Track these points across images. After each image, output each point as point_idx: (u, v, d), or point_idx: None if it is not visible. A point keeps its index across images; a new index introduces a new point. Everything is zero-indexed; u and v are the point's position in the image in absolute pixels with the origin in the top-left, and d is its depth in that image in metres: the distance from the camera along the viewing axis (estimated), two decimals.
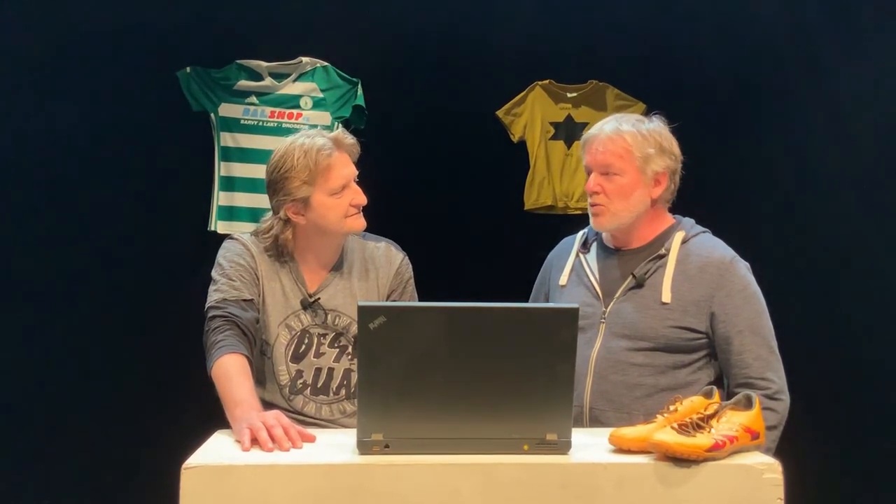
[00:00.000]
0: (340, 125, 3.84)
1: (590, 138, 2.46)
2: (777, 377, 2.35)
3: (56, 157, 3.73)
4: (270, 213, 2.45)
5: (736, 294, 2.37)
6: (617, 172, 2.41)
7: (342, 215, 2.39)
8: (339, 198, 2.37)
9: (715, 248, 2.44)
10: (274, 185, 2.40)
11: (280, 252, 2.44)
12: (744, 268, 2.42)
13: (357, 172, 2.43)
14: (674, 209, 2.53)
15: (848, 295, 3.89)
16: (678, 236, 2.44)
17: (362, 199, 2.41)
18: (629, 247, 2.48)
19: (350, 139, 2.43)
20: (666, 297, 2.37)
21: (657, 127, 2.46)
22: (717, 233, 2.51)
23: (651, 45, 3.95)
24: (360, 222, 2.43)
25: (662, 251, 2.43)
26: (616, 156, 2.40)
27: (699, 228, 2.50)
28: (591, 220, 2.46)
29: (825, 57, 3.91)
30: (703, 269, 2.39)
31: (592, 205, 2.44)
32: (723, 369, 2.40)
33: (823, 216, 3.89)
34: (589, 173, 2.45)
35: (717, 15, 3.93)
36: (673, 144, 2.47)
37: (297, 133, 2.45)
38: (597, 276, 2.48)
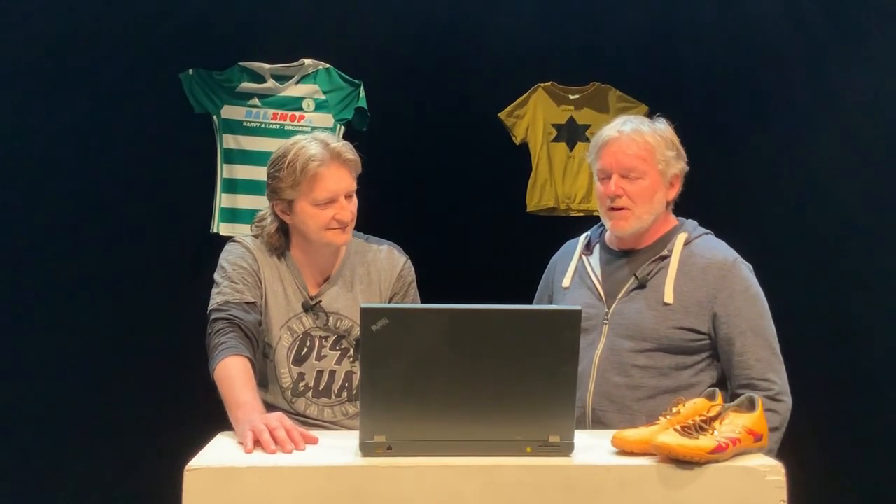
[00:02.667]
0: (343, 127, 3.86)
1: (608, 140, 2.42)
2: (779, 378, 2.34)
3: (58, 158, 3.73)
4: None
5: (738, 295, 2.37)
6: (640, 175, 2.39)
7: (322, 227, 2.37)
8: (323, 209, 2.36)
9: (718, 249, 2.44)
10: (268, 179, 2.42)
11: (271, 246, 2.44)
12: (746, 269, 2.42)
13: (354, 187, 2.40)
14: (677, 210, 2.53)
15: (850, 296, 3.89)
16: (681, 237, 2.44)
17: (345, 217, 2.37)
18: (633, 248, 2.48)
19: (351, 154, 2.39)
20: (668, 297, 2.37)
21: (668, 128, 2.46)
22: (719, 234, 2.51)
23: (653, 47, 3.95)
24: (341, 237, 2.40)
25: (665, 252, 2.43)
26: (640, 158, 2.39)
27: (702, 230, 2.50)
28: (611, 223, 2.43)
29: (828, 58, 3.90)
30: (706, 270, 2.39)
31: (616, 208, 2.40)
32: (725, 371, 2.40)
33: (826, 217, 3.89)
34: (606, 176, 2.42)
35: (719, 16, 3.93)
36: (681, 146, 2.48)
37: (306, 134, 2.45)
38: (599, 277, 2.48)
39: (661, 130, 2.44)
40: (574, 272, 2.54)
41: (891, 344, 3.84)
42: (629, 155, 2.39)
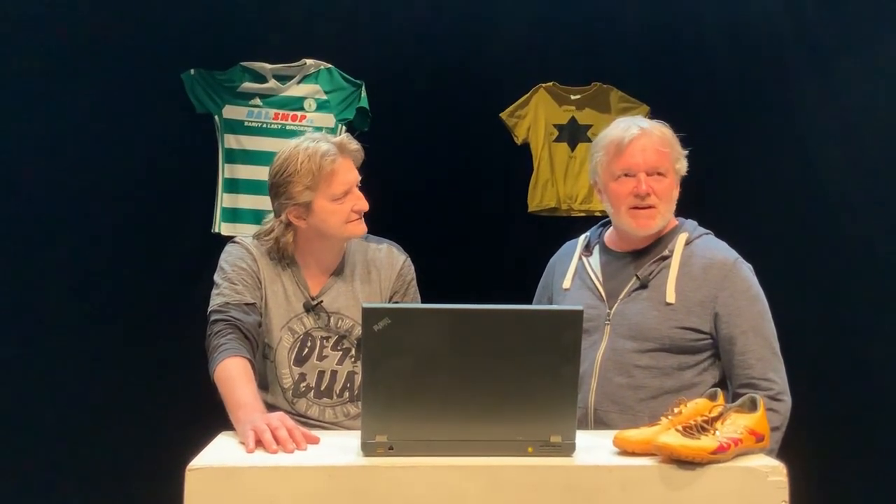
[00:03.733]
0: (344, 127, 3.86)
1: (633, 138, 2.40)
2: (779, 378, 2.35)
3: (59, 158, 3.73)
4: (272, 214, 2.46)
5: (739, 295, 2.37)
6: (664, 173, 2.40)
7: (343, 221, 2.39)
8: (341, 203, 2.37)
9: (718, 249, 2.44)
10: (276, 189, 2.40)
11: (281, 255, 2.44)
12: (747, 269, 2.42)
13: (360, 178, 2.42)
14: (677, 210, 2.53)
15: (851, 296, 3.88)
16: (681, 238, 2.44)
17: (364, 206, 2.40)
18: (633, 249, 2.47)
19: (354, 145, 2.42)
20: (670, 297, 2.36)
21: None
22: (719, 234, 2.51)
23: (654, 47, 3.95)
24: (361, 228, 2.42)
25: (666, 252, 2.43)
26: (665, 156, 2.40)
27: (702, 230, 2.50)
28: (637, 222, 2.40)
29: (828, 58, 3.90)
30: (707, 269, 2.39)
31: (645, 207, 2.39)
32: (725, 370, 2.40)
33: (826, 218, 3.89)
34: (630, 175, 2.39)
35: (720, 16, 3.93)
36: None
37: (300, 136, 2.45)
38: (600, 278, 2.48)
39: (669, 130, 2.46)
40: (574, 273, 2.53)
41: (891, 344, 3.83)
42: (659, 152, 2.39)
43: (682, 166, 2.45)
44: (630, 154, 2.40)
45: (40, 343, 3.71)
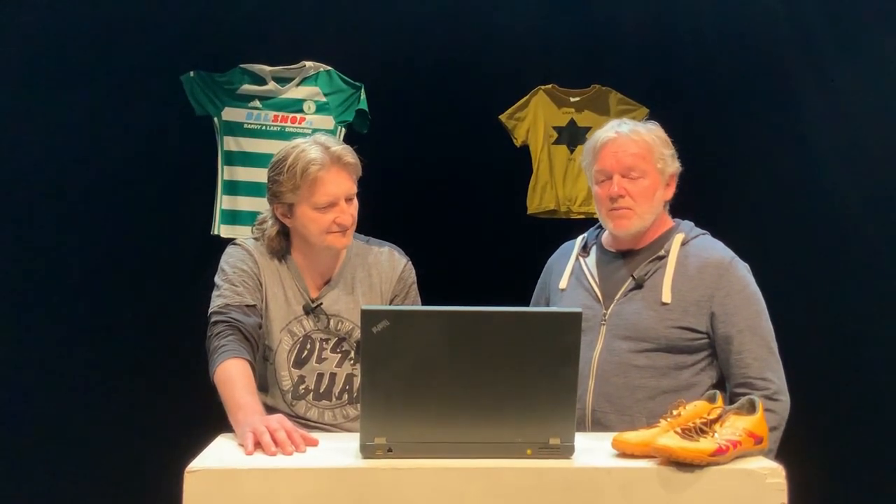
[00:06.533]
0: (344, 129, 3.86)
1: (606, 141, 2.43)
2: (776, 377, 2.35)
3: (58, 160, 3.73)
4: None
5: (735, 294, 2.37)
6: (641, 174, 2.41)
7: (323, 231, 2.37)
8: (323, 213, 2.35)
9: (714, 248, 2.45)
10: (268, 182, 2.41)
11: (274, 249, 2.44)
12: (743, 268, 2.43)
13: (355, 191, 2.40)
14: (676, 210, 2.54)
15: (849, 296, 3.89)
16: (678, 238, 2.45)
17: (346, 221, 2.37)
18: (630, 249, 2.48)
19: (351, 158, 2.38)
20: (666, 297, 2.37)
21: (661, 130, 2.48)
22: (717, 234, 2.52)
23: (653, 50, 3.96)
24: (342, 241, 2.40)
25: (662, 252, 2.43)
26: (640, 157, 2.41)
27: (698, 231, 2.51)
28: (613, 224, 2.43)
29: (828, 58, 3.91)
30: (703, 269, 2.39)
31: (618, 208, 2.41)
32: (722, 370, 2.40)
33: (826, 218, 3.89)
34: (607, 178, 2.42)
35: (719, 19, 3.93)
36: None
37: (307, 137, 2.45)
38: (596, 278, 2.48)
39: (655, 130, 2.47)
40: (571, 273, 2.54)
41: (891, 344, 3.84)
42: (630, 154, 2.40)
43: (669, 166, 2.45)
44: (604, 157, 2.43)
45: (39, 344, 3.71)
